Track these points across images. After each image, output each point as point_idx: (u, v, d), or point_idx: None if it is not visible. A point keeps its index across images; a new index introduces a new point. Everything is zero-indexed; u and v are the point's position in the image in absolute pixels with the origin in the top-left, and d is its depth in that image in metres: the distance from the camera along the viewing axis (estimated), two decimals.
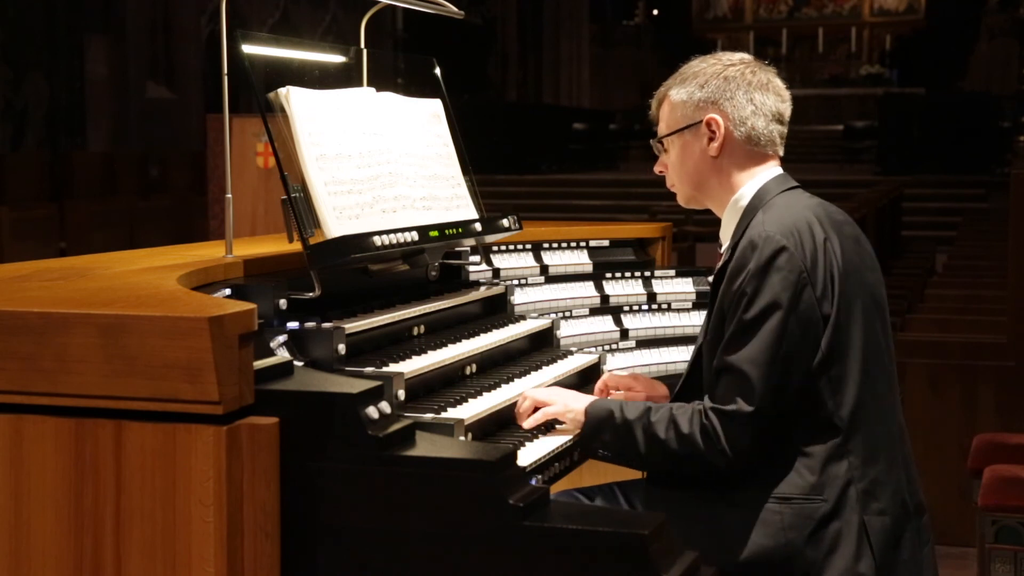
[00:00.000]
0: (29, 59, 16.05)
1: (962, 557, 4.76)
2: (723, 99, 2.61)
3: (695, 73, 2.66)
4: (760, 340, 2.40)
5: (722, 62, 2.65)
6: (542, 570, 1.89)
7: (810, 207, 2.55)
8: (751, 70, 2.63)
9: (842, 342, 2.44)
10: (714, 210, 2.72)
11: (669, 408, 2.51)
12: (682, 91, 2.66)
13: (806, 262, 2.42)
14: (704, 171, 2.66)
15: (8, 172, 13.65)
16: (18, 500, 1.99)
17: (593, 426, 2.60)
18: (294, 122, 2.66)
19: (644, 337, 3.65)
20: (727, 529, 2.45)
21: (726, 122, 2.61)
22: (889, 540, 2.45)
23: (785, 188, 2.61)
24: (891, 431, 2.52)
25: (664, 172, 2.76)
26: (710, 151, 2.63)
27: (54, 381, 1.94)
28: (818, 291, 2.42)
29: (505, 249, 3.58)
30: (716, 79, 2.62)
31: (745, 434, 2.40)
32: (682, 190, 2.73)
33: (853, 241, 2.56)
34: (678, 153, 2.69)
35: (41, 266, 2.58)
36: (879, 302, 2.56)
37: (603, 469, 3.10)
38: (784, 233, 2.44)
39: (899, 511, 2.48)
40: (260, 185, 6.86)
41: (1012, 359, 5.28)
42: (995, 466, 3.91)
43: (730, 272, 2.48)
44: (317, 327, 2.48)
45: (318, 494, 1.98)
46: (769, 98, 2.62)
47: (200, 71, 18.05)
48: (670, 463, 2.50)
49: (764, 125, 2.61)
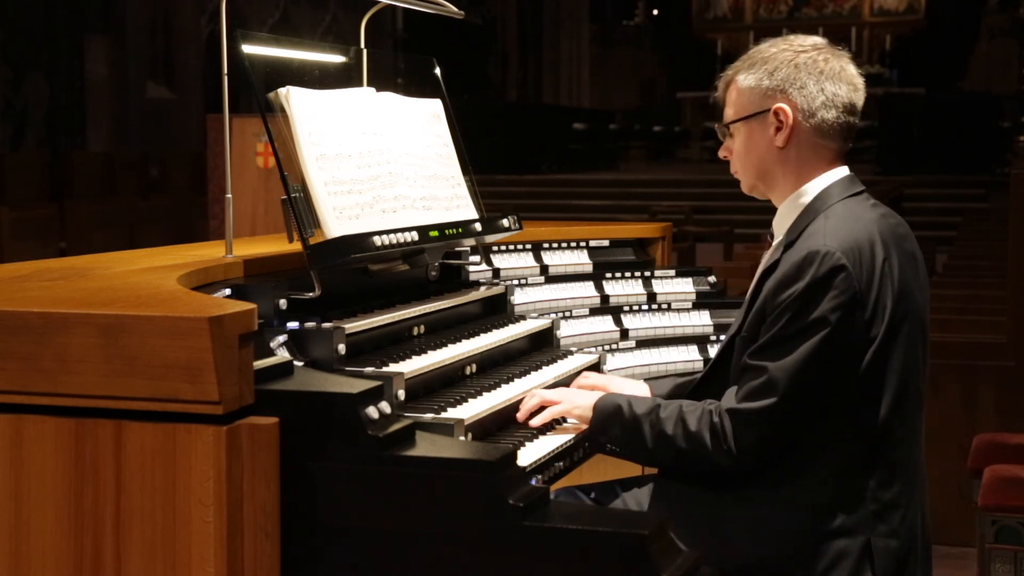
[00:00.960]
0: (29, 59, 16.06)
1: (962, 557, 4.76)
2: (793, 88, 2.52)
3: (765, 58, 2.56)
4: (799, 354, 2.35)
5: (793, 47, 2.56)
6: (542, 570, 1.89)
7: (874, 219, 2.48)
8: (823, 57, 2.54)
9: (882, 364, 2.39)
10: (774, 201, 2.64)
11: (679, 405, 2.49)
12: (751, 76, 2.57)
13: (861, 283, 2.36)
14: (769, 161, 2.58)
15: (8, 172, 13.64)
16: (18, 500, 1.99)
17: (601, 420, 2.59)
18: (294, 122, 2.66)
19: (644, 337, 3.65)
20: (729, 532, 2.44)
21: (795, 112, 2.53)
22: (894, 564, 2.41)
23: (850, 193, 2.53)
24: (912, 455, 2.49)
25: (728, 157, 2.68)
26: (776, 141, 2.54)
27: (54, 381, 1.94)
28: (867, 313, 2.37)
29: (505, 249, 3.58)
30: (786, 66, 2.53)
31: (755, 435, 2.38)
32: (745, 179, 2.65)
33: (911, 259, 2.50)
34: (743, 141, 2.61)
35: (41, 266, 2.58)
36: (924, 324, 2.51)
37: (603, 469, 3.10)
38: (845, 250, 2.37)
39: (908, 535, 2.44)
40: (260, 185, 6.86)
41: (1012, 359, 5.28)
42: (995, 466, 3.91)
43: (782, 279, 2.41)
44: (317, 327, 2.48)
45: (318, 494, 1.98)
46: (841, 88, 2.53)
47: (200, 71, 18.05)
48: (677, 460, 2.49)
49: (835, 117, 2.53)
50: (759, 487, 2.43)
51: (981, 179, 17.40)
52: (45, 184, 14.09)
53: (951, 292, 7.41)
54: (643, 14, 31.91)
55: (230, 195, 2.75)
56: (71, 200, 13.14)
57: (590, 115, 25.76)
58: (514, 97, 28.10)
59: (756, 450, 2.39)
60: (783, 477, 2.42)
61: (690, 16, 31.39)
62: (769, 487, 2.43)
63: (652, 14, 32.15)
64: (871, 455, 2.41)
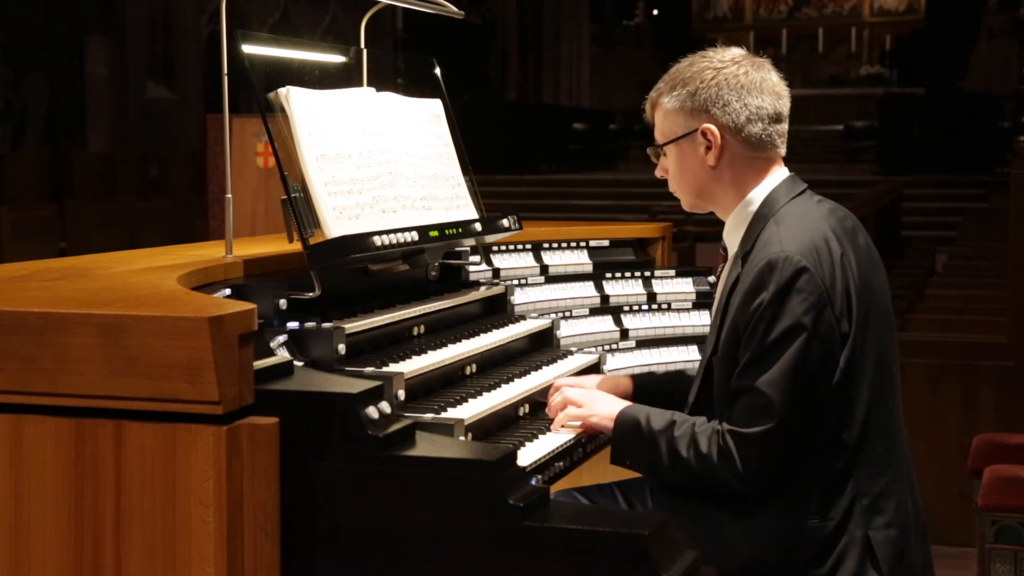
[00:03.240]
0: (29, 59, 16.06)
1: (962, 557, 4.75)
2: (715, 107, 2.52)
3: (685, 79, 2.56)
4: (782, 364, 2.34)
5: (713, 64, 2.55)
6: (542, 570, 1.89)
7: (823, 216, 2.49)
8: (744, 71, 2.53)
9: (856, 358, 2.40)
10: (719, 215, 2.66)
11: (692, 425, 2.47)
12: (674, 99, 2.57)
13: (826, 282, 2.36)
14: (704, 179, 2.59)
15: (8, 172, 13.64)
16: (18, 500, 1.98)
17: (622, 436, 2.57)
18: (294, 122, 2.66)
19: (644, 337, 3.65)
20: (727, 537, 2.43)
21: (721, 131, 2.53)
22: (895, 552, 2.41)
23: (795, 194, 2.53)
24: (896, 440, 2.49)
25: (664, 177, 2.69)
26: (708, 160, 2.55)
27: (54, 381, 1.94)
28: (837, 310, 2.37)
29: (505, 249, 3.58)
30: (707, 86, 2.52)
31: (763, 457, 2.36)
32: (684, 198, 2.67)
33: (865, 250, 2.51)
34: (676, 162, 2.62)
35: (41, 266, 2.58)
36: (887, 310, 2.52)
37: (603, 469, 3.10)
38: (803, 252, 2.37)
39: (904, 522, 2.45)
40: (260, 185, 6.86)
41: (1012, 359, 5.28)
42: (995, 466, 3.91)
43: (747, 292, 2.41)
44: (317, 327, 2.48)
45: (318, 494, 1.98)
46: (765, 99, 2.53)
47: (200, 71, 18.05)
48: (690, 480, 2.47)
49: (761, 129, 2.53)
50: (755, 503, 2.42)
51: (981, 179, 17.41)
52: (45, 184, 14.09)
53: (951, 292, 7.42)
54: (643, 14, 31.91)
55: (230, 195, 2.75)
56: (71, 200, 13.13)
57: (590, 115, 25.77)
58: (514, 97, 28.10)
59: (765, 471, 2.38)
60: (776, 491, 2.41)
61: (690, 16, 31.41)
62: (764, 503, 2.41)
63: (652, 14, 32.15)
64: (857, 450, 2.41)
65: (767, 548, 2.40)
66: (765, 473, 2.38)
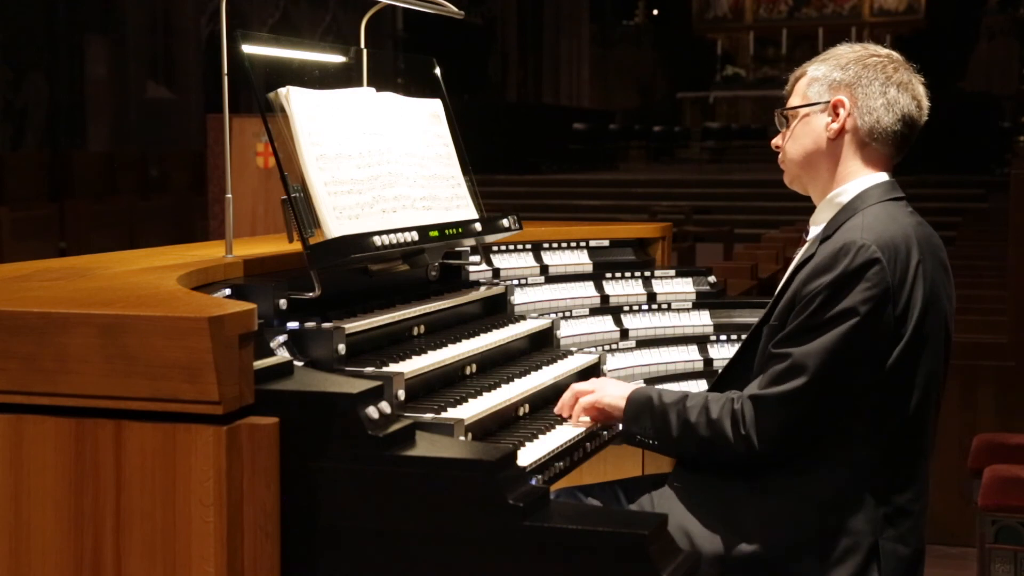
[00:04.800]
0: (29, 59, 16.07)
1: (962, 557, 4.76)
2: (857, 84, 2.55)
3: (838, 55, 2.61)
4: (824, 340, 2.36)
5: (868, 50, 2.60)
6: (542, 570, 1.89)
7: (912, 224, 2.50)
8: (894, 66, 2.57)
9: (908, 366, 2.40)
10: (813, 197, 2.66)
11: (705, 395, 2.52)
12: (821, 68, 2.61)
13: (894, 279, 2.38)
14: (816, 151, 2.60)
15: (8, 172, 13.65)
16: (18, 500, 1.99)
17: (634, 412, 2.62)
18: (294, 122, 2.66)
19: (644, 337, 3.65)
20: (741, 521, 2.44)
21: (853, 108, 2.55)
22: (901, 570, 2.41)
23: (890, 197, 2.55)
24: (926, 461, 2.50)
25: (780, 148, 2.69)
26: (828, 132, 2.57)
27: (54, 381, 1.94)
28: (898, 310, 2.38)
29: (505, 249, 3.58)
30: (856, 64, 2.56)
31: (773, 421, 2.38)
32: (790, 167, 2.67)
33: (943, 269, 2.53)
34: (799, 127, 2.63)
35: (41, 266, 2.58)
36: (949, 334, 2.54)
37: (603, 469, 3.10)
38: (881, 245, 2.39)
39: (917, 544, 2.45)
40: (260, 185, 6.87)
41: (1012, 359, 5.28)
42: (995, 466, 3.91)
43: (815, 268, 2.43)
44: (317, 327, 2.48)
45: (318, 494, 1.98)
46: (904, 97, 2.55)
47: (200, 71, 18.06)
48: (699, 448, 2.50)
49: (891, 122, 2.55)
50: (774, 478, 2.43)
51: (981, 179, 17.42)
52: (45, 184, 14.10)
53: None
54: (643, 14, 31.92)
55: (230, 195, 2.75)
56: (71, 200, 13.13)
57: (590, 115, 25.78)
58: (514, 97, 28.11)
59: (775, 437, 2.39)
60: (799, 470, 2.42)
61: (690, 16, 31.39)
62: (784, 479, 2.43)
63: (652, 14, 32.16)
64: (888, 458, 2.41)
65: (778, 535, 2.40)
66: (773, 440, 2.39)
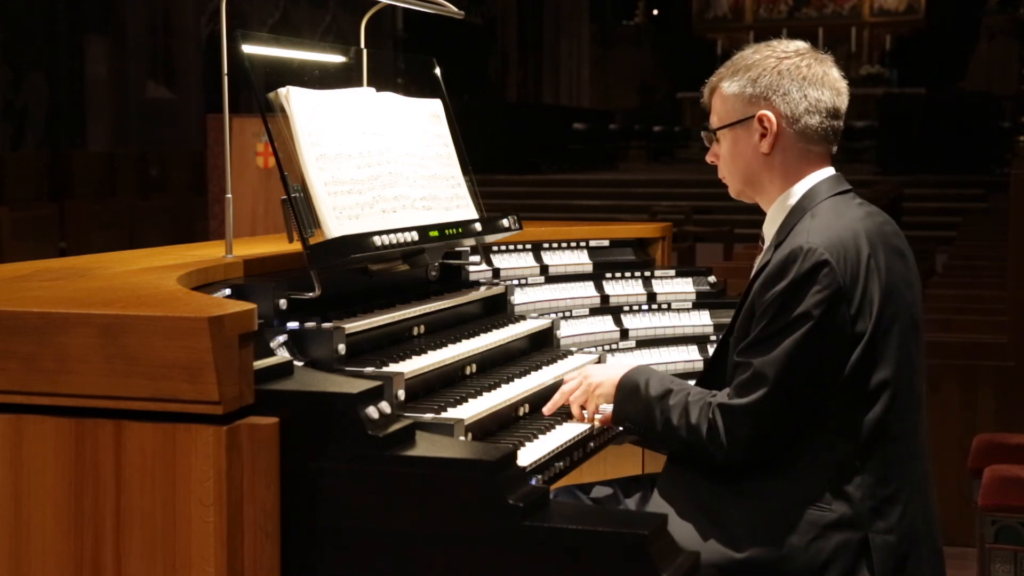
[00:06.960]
0: (29, 59, 16.06)
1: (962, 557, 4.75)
2: (776, 95, 2.54)
3: (748, 65, 2.59)
4: (783, 348, 2.38)
5: (776, 53, 2.58)
6: (542, 570, 1.89)
7: (859, 218, 2.50)
8: (806, 63, 2.56)
9: (874, 360, 2.41)
10: (762, 205, 2.68)
11: (686, 394, 2.53)
12: (734, 84, 2.59)
13: (845, 279, 2.39)
14: (755, 167, 2.61)
15: (8, 172, 13.65)
16: (18, 500, 1.99)
17: (622, 398, 2.65)
18: (294, 122, 2.66)
19: (644, 337, 3.65)
20: (729, 526, 2.45)
21: (779, 119, 2.55)
22: (893, 561, 2.42)
23: (836, 192, 2.55)
24: (911, 453, 2.50)
25: (715, 163, 2.71)
26: (762, 148, 2.57)
27: (54, 381, 1.94)
28: (853, 308, 2.39)
29: (505, 249, 3.58)
30: (769, 73, 2.55)
31: (742, 429, 2.41)
32: (732, 184, 2.69)
33: (899, 256, 2.52)
34: (729, 147, 2.64)
35: (41, 266, 2.58)
36: (916, 321, 2.53)
37: (603, 469, 3.10)
38: (828, 246, 2.40)
39: (909, 533, 2.45)
40: (260, 185, 6.86)
41: (1012, 359, 5.28)
42: (995, 466, 3.91)
43: (767, 276, 2.45)
44: (317, 327, 2.48)
45: (318, 494, 1.98)
46: (824, 93, 2.55)
47: (200, 71, 18.05)
48: (681, 448, 2.54)
49: (818, 122, 2.55)
50: (756, 482, 2.46)
51: (981, 179, 17.42)
52: (45, 184, 14.10)
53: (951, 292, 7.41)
54: (643, 14, 31.90)
55: (230, 195, 2.75)
56: (71, 200, 13.13)
57: (590, 115, 25.76)
58: (514, 97, 28.10)
59: (747, 444, 2.42)
60: (778, 472, 2.44)
61: (690, 16, 31.38)
62: (765, 482, 2.45)
63: (652, 14, 32.14)
64: (865, 452, 2.42)
65: (766, 538, 2.41)
66: (745, 447, 2.42)
